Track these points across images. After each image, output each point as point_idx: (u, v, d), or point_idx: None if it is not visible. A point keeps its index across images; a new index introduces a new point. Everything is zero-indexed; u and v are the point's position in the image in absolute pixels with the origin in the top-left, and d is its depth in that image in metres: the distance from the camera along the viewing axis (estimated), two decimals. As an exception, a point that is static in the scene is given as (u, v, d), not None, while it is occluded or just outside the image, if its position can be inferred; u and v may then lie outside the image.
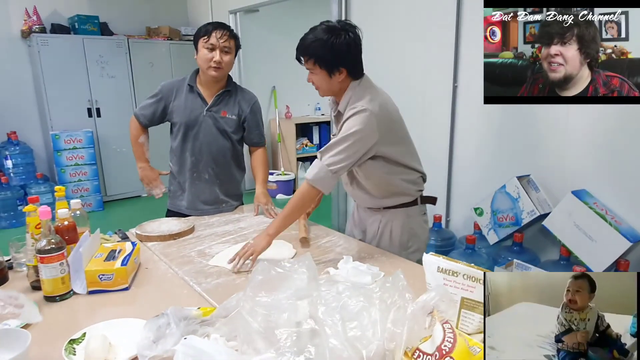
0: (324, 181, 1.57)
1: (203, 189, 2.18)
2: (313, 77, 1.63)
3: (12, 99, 4.93)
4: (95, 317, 1.24)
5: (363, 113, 1.54)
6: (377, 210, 1.79)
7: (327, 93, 1.68)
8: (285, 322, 0.94)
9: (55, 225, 1.40)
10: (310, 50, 1.57)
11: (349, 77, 1.62)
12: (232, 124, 2.15)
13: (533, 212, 2.48)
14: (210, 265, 1.56)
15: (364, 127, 1.54)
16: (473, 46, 2.81)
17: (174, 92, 2.15)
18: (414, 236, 1.79)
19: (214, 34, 1.98)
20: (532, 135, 2.61)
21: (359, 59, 1.63)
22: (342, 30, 1.55)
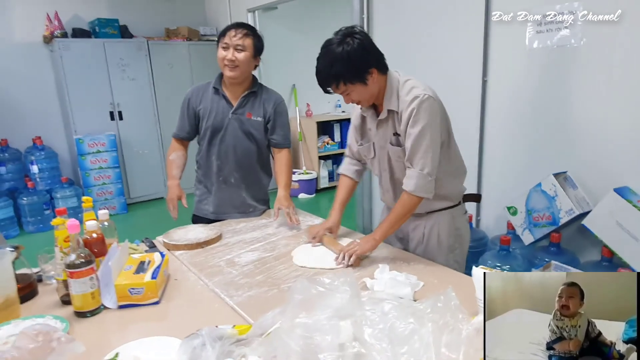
0: (425, 187, 1.56)
1: (229, 194, 2.15)
2: (351, 96, 1.57)
3: (36, 105, 4.98)
4: (127, 333, 1.20)
5: (425, 100, 1.50)
6: (420, 215, 1.72)
7: (371, 100, 1.61)
8: (329, 345, 0.88)
9: (84, 238, 1.37)
10: (334, 75, 1.51)
11: (380, 74, 1.56)
12: (258, 126, 2.11)
13: (571, 211, 2.36)
14: (240, 276, 1.51)
15: (430, 115, 1.51)
16: (503, 39, 2.70)
17: (200, 95, 2.13)
18: (459, 237, 1.75)
19: (229, 33, 1.97)
20: (569, 130, 2.49)
21: (378, 51, 1.56)
22: (346, 37, 1.49)
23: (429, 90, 1.54)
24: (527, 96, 2.64)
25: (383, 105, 1.60)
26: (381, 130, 1.65)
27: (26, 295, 1.39)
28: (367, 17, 3.49)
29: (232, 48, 1.96)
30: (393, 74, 1.60)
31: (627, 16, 2.17)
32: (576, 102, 2.43)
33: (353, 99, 1.58)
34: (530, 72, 2.60)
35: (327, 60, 1.50)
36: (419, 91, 1.52)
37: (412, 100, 1.51)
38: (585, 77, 2.37)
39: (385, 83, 1.58)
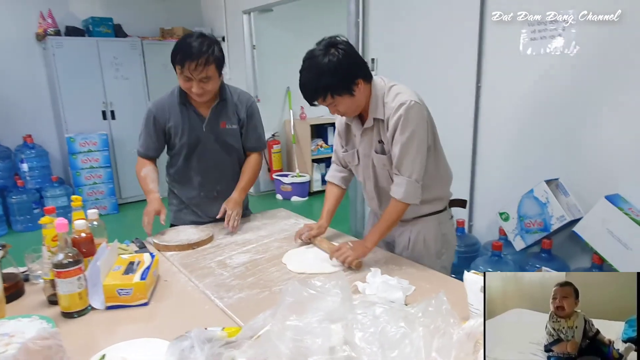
0: (414, 194, 1.56)
1: (212, 207, 2.02)
2: (338, 108, 1.54)
3: (28, 102, 4.93)
4: (115, 335, 1.18)
5: (412, 106, 1.49)
6: (406, 221, 1.71)
7: (358, 110, 1.59)
8: (319, 348, 0.87)
9: (72, 237, 1.35)
10: (322, 88, 1.48)
11: (366, 83, 1.53)
12: (234, 133, 2.01)
13: (563, 217, 2.37)
14: (231, 278, 1.50)
15: (418, 121, 1.51)
16: (497, 45, 2.71)
17: (167, 111, 1.95)
18: (446, 242, 1.74)
19: (187, 66, 1.74)
20: (561, 137, 2.50)
21: (362, 60, 1.55)
22: (329, 47, 1.46)
23: (414, 96, 1.53)
24: (521, 103, 2.65)
25: (369, 113, 1.58)
26: (366, 138, 1.64)
27: (12, 294, 1.36)
28: (363, 21, 3.50)
29: (196, 82, 1.78)
30: (377, 81, 1.58)
31: (624, 19, 2.19)
32: (569, 109, 2.45)
33: (340, 111, 1.56)
34: (524, 79, 2.61)
35: (312, 73, 1.47)
36: (405, 97, 1.50)
37: (398, 107, 1.49)
38: (578, 84, 2.39)
39: (370, 91, 1.56)
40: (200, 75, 1.76)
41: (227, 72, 5.62)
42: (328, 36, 1.50)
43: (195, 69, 1.74)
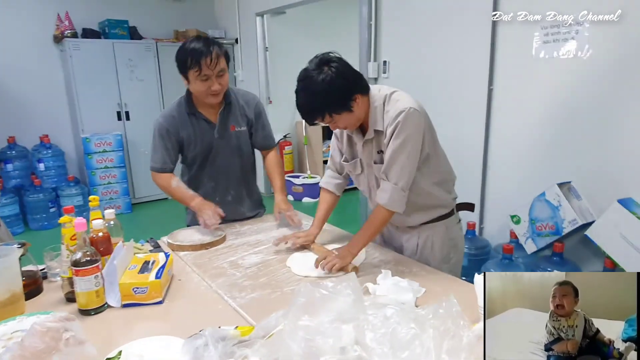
0: (399, 202, 1.54)
1: (227, 209, 2.03)
2: (338, 124, 1.53)
3: (45, 103, 5.03)
4: (130, 332, 1.21)
5: (410, 113, 1.47)
6: (413, 227, 1.72)
7: (358, 124, 1.58)
8: (330, 348, 0.88)
9: (90, 237, 1.39)
10: (318, 108, 1.47)
11: (363, 96, 1.51)
12: (244, 135, 2.05)
13: (575, 221, 2.36)
14: (244, 278, 1.52)
15: (414, 129, 1.49)
16: (510, 47, 2.71)
17: (177, 123, 1.98)
18: (454, 247, 1.74)
19: (205, 63, 1.77)
20: (574, 140, 2.49)
21: (356, 74, 1.51)
22: (322, 66, 1.43)
23: (414, 103, 1.50)
24: (533, 106, 2.65)
25: (369, 125, 1.56)
26: (367, 149, 1.63)
27: (31, 291, 1.40)
28: (375, 23, 3.51)
29: (214, 77, 1.82)
30: (373, 92, 1.55)
31: (629, 24, 2.18)
32: (581, 112, 2.44)
33: (340, 127, 1.55)
34: (536, 82, 2.60)
35: (308, 94, 1.45)
36: (404, 105, 1.48)
37: (397, 115, 1.48)
38: (590, 87, 2.38)
39: (369, 103, 1.54)
40: (217, 69, 1.81)
41: (240, 73, 5.67)
42: (321, 53, 1.47)
43: (211, 63, 1.78)
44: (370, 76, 3.58)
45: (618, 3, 2.20)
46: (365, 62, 3.61)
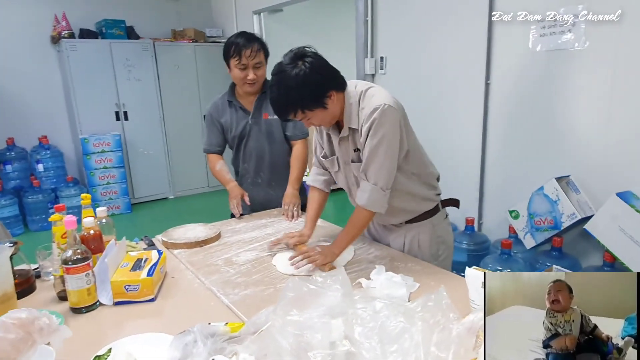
0: (378, 202, 1.50)
1: (257, 192, 2.26)
2: (311, 121, 1.48)
3: (43, 104, 5.03)
4: (122, 329, 1.20)
5: (385, 110, 1.42)
6: (399, 225, 1.70)
7: (333, 121, 1.53)
8: (319, 343, 0.87)
9: (81, 235, 1.38)
10: (291, 104, 1.42)
11: (338, 93, 1.47)
12: (276, 124, 2.19)
13: (574, 215, 2.35)
14: (237, 275, 1.51)
15: (390, 126, 1.43)
16: (506, 42, 2.69)
17: (220, 110, 2.22)
18: (442, 244, 1.71)
19: (244, 53, 2.00)
20: (572, 134, 2.47)
21: (332, 69, 1.47)
22: (297, 60, 1.39)
23: (389, 98, 1.45)
24: (530, 99, 2.63)
25: (344, 122, 1.52)
26: (343, 147, 1.59)
27: (24, 290, 1.40)
28: (371, 20, 3.49)
29: (251, 67, 2.03)
30: (351, 87, 1.51)
31: (627, 17, 2.16)
32: (579, 105, 2.42)
33: (314, 123, 1.51)
34: (533, 75, 2.59)
35: (281, 89, 1.41)
36: (378, 101, 1.43)
37: (372, 112, 1.43)
38: (588, 80, 2.36)
39: (344, 100, 1.50)
40: (254, 61, 2.03)
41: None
42: (296, 48, 1.44)
43: (250, 55, 2.01)
44: (367, 72, 3.57)
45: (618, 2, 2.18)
46: (362, 59, 3.59)
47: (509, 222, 2.70)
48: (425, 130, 3.18)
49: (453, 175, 3.03)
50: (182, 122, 5.64)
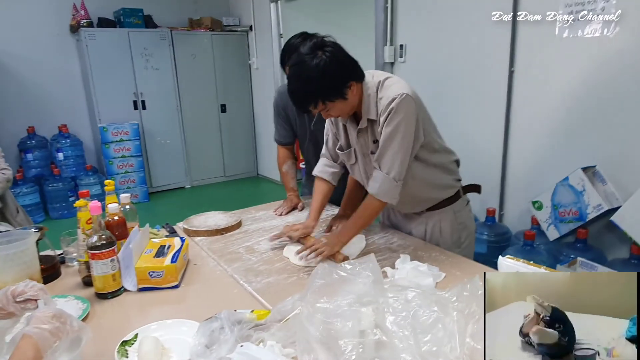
0: (390, 192, 1.47)
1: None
2: (330, 112, 1.45)
3: (63, 93, 5.07)
4: (146, 315, 1.20)
5: (402, 99, 1.40)
6: (420, 213, 1.68)
7: (351, 112, 1.51)
8: (349, 331, 0.86)
9: (106, 221, 1.38)
10: (311, 95, 1.38)
11: (358, 84, 1.44)
12: None
13: (600, 206, 2.29)
14: (259, 263, 1.51)
15: (406, 115, 1.41)
16: (532, 29, 2.62)
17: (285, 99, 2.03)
18: (464, 230, 1.70)
19: None
20: (599, 123, 2.40)
21: (352, 60, 1.44)
22: (316, 50, 1.36)
23: (407, 88, 1.43)
24: (555, 88, 2.56)
25: (362, 114, 1.49)
26: (362, 139, 1.56)
27: (49, 276, 1.41)
28: (391, 6, 3.43)
29: None
30: (368, 78, 1.49)
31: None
32: (606, 94, 2.34)
33: (332, 115, 1.48)
34: (559, 63, 2.51)
35: (301, 80, 1.38)
36: (396, 91, 1.41)
37: (390, 102, 1.41)
38: (616, 67, 2.28)
39: (362, 91, 1.47)
40: None
41: (255, 61, 5.64)
42: (314, 36, 1.41)
43: None
44: (387, 61, 3.51)
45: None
46: (381, 47, 3.54)
47: (531, 213, 2.64)
48: (446, 119, 3.13)
49: (474, 165, 2.98)
50: (199, 111, 5.65)
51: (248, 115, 6.06)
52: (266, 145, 5.95)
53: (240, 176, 6.19)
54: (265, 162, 6.13)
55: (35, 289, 0.97)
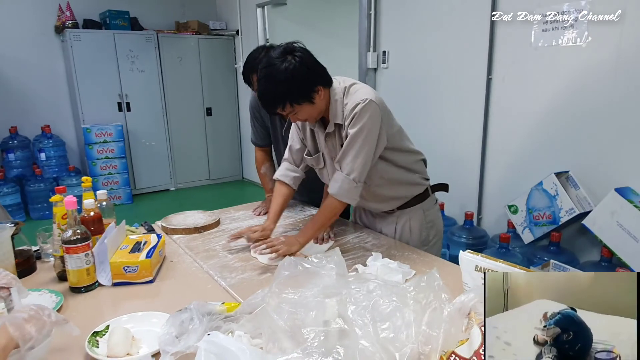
0: (349, 193, 1.51)
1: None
2: (298, 116, 1.49)
3: (46, 93, 5.05)
4: (120, 309, 1.22)
5: (366, 104, 1.45)
6: (391, 212, 1.73)
7: (319, 117, 1.54)
8: (313, 321, 0.88)
9: (81, 216, 1.39)
10: (279, 97, 1.42)
11: (325, 89, 1.49)
12: None
13: (572, 210, 2.35)
14: (235, 260, 1.53)
15: (368, 120, 1.45)
16: (509, 37, 2.69)
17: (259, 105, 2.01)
18: (433, 229, 1.75)
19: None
20: (572, 130, 2.48)
21: (320, 66, 1.48)
22: (286, 54, 1.41)
23: (371, 94, 1.48)
24: (531, 95, 2.63)
25: (330, 118, 1.53)
26: (330, 143, 1.60)
27: (24, 270, 1.41)
28: (375, 14, 3.50)
29: None
30: (336, 84, 1.53)
31: (627, 16, 2.16)
32: (580, 101, 2.42)
33: (300, 118, 1.51)
34: (535, 71, 2.59)
35: (270, 82, 1.42)
36: (361, 95, 1.47)
37: (354, 107, 1.46)
38: (589, 76, 2.36)
39: (330, 96, 1.51)
40: None
41: (241, 65, 5.66)
42: (285, 42, 1.45)
43: None
44: (370, 66, 3.57)
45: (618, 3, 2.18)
46: (364, 52, 3.60)
47: (508, 217, 2.70)
48: (426, 124, 3.20)
49: (453, 169, 3.04)
50: (185, 114, 5.65)
51: (234, 119, 6.08)
52: (251, 149, 5.91)
53: (226, 179, 6.19)
54: (250, 166, 6.14)
55: (9, 278, 0.98)
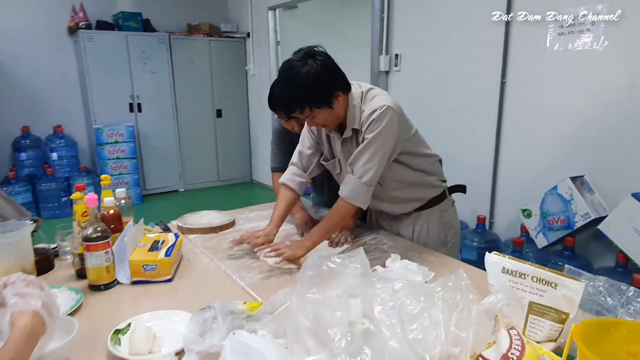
0: (360, 196, 1.50)
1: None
2: (315, 120, 1.48)
3: (59, 94, 5.08)
4: (139, 307, 1.22)
5: (383, 110, 1.45)
6: (408, 214, 1.72)
7: (337, 122, 1.54)
8: (338, 321, 0.88)
9: (101, 214, 1.40)
10: (299, 100, 1.42)
11: (344, 94, 1.49)
12: None
13: (587, 215, 2.34)
14: (252, 261, 1.53)
15: (384, 126, 1.45)
16: (524, 41, 2.68)
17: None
18: (450, 229, 1.75)
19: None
20: (587, 134, 2.46)
21: (340, 71, 1.49)
22: (308, 58, 1.41)
23: (389, 100, 1.48)
24: (546, 99, 2.62)
25: (347, 123, 1.53)
26: (346, 148, 1.59)
27: (43, 267, 1.42)
28: (387, 16, 3.50)
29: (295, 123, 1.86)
30: (354, 89, 1.53)
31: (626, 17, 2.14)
32: (595, 105, 2.40)
33: (317, 123, 1.51)
34: (550, 75, 2.58)
35: (290, 84, 1.42)
36: (379, 102, 1.47)
37: (371, 113, 1.46)
38: (605, 80, 2.35)
39: (348, 102, 1.51)
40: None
41: (251, 68, 5.69)
42: (306, 46, 1.45)
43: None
44: (382, 69, 3.57)
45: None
46: (376, 55, 3.60)
47: (521, 221, 2.69)
48: (437, 128, 3.19)
49: (466, 173, 3.02)
50: (195, 116, 5.68)
51: (243, 121, 6.10)
52: (261, 151, 5.98)
53: (234, 181, 6.20)
54: (259, 168, 6.15)
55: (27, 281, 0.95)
